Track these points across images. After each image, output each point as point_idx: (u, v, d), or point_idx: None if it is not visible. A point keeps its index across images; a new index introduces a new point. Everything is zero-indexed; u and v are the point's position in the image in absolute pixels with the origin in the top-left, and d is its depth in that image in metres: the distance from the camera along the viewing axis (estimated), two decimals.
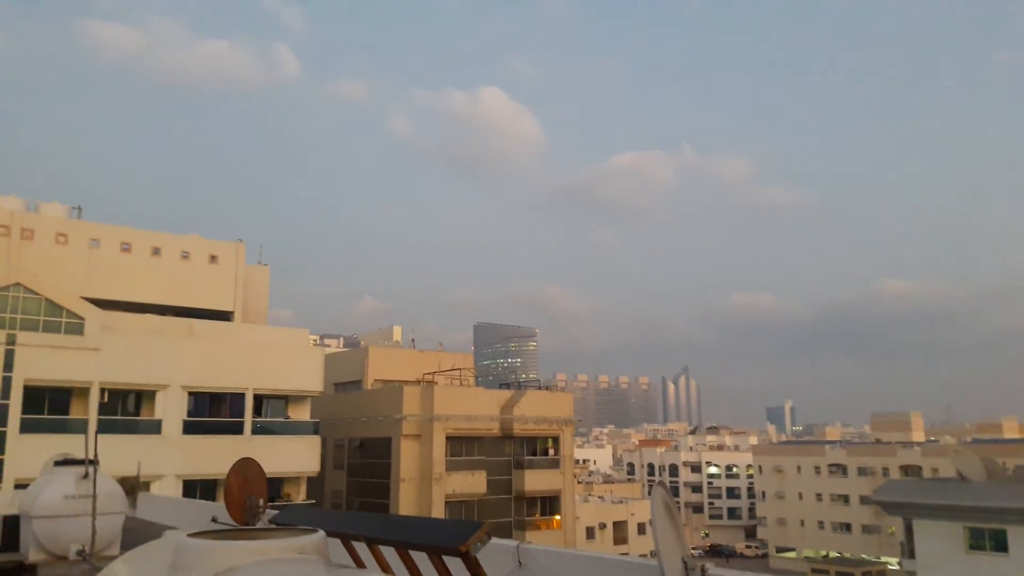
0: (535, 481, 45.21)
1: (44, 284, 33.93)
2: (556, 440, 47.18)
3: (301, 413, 40.06)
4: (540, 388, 50.62)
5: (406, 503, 40.92)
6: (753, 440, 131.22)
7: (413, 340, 63.19)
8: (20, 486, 24.96)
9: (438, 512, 40.55)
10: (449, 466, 42.09)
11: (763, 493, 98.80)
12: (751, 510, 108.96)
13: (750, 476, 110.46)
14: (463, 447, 43.37)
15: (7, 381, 31.73)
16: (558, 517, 46.08)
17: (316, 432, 39.52)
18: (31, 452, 30.32)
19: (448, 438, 42.42)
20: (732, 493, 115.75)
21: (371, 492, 43.50)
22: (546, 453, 46.77)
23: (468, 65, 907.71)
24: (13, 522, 11.87)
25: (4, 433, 31.32)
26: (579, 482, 69.74)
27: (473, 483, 42.71)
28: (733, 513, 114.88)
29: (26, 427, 31.80)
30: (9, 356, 31.86)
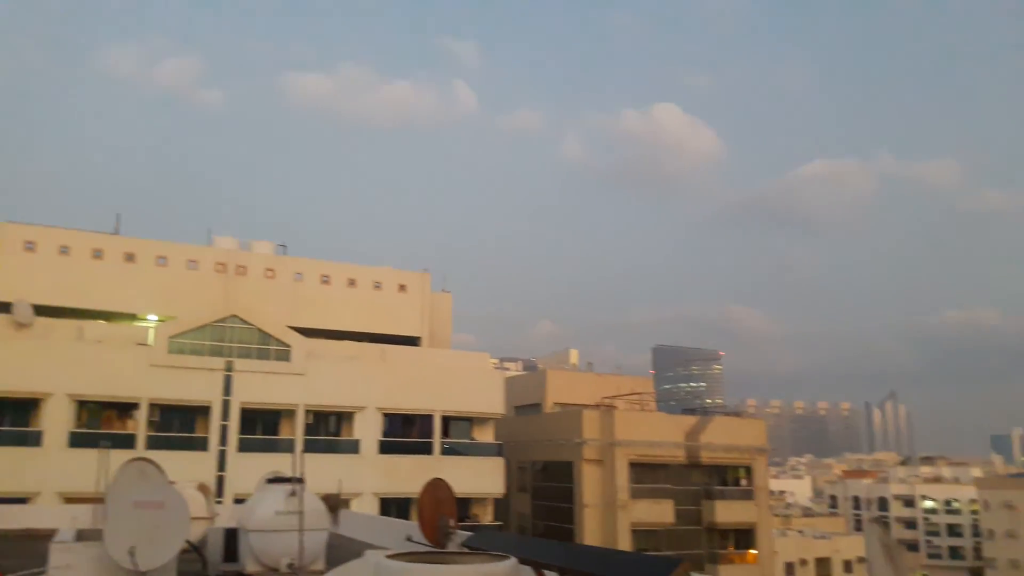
0: (727, 512, 43.21)
1: (256, 315, 37.10)
2: (748, 469, 44.93)
3: (485, 435, 40.91)
4: (728, 414, 48.54)
5: (591, 530, 40.50)
6: (977, 472, 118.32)
7: (590, 363, 62.98)
8: (239, 501, 27.23)
9: (624, 541, 39.77)
10: (633, 493, 41.21)
11: (991, 532, 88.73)
12: (977, 550, 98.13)
13: (974, 512, 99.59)
14: (647, 474, 42.34)
15: (226, 404, 34.92)
16: (753, 551, 43.71)
17: (500, 454, 40.17)
18: (247, 469, 32.96)
19: (631, 464, 41.61)
20: (953, 531, 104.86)
21: (555, 516, 43.46)
22: (737, 483, 44.63)
23: (640, 83, 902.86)
24: (233, 535, 12.76)
25: (224, 452, 34.42)
26: (775, 515, 66.05)
27: (659, 512, 41.52)
28: (955, 553, 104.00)
29: (243, 446, 34.77)
30: (228, 382, 35.07)
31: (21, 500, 29.19)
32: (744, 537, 44.06)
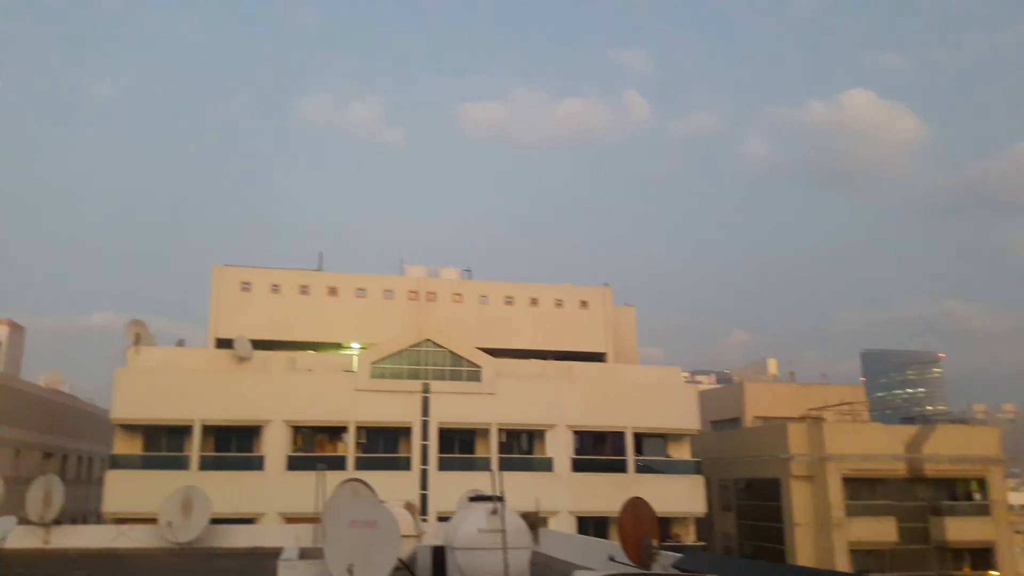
0: (959, 530, 38.88)
1: (447, 338, 38.31)
2: (981, 482, 40.26)
3: (680, 452, 39.56)
4: (953, 421, 43.88)
5: (804, 550, 37.88)
6: None
7: (792, 373, 59.40)
8: (443, 518, 27.95)
9: (843, 562, 36.82)
10: (849, 511, 38.11)
11: None
12: None
13: None
14: (863, 490, 39.04)
15: (425, 425, 36.23)
16: (994, 573, 38.98)
17: (698, 472, 38.63)
18: (447, 487, 33.83)
19: (844, 480, 38.56)
20: None
21: (763, 536, 41.11)
22: (969, 497, 40.10)
23: (825, 71, 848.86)
24: (440, 552, 12.88)
25: (426, 471, 35.64)
26: (1017, 531, 58.80)
27: (880, 531, 38.08)
28: None
29: (442, 465, 35.87)
30: (425, 403, 36.40)
31: (248, 520, 31.63)
32: (981, 557, 39.43)
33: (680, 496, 37.33)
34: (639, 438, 38.81)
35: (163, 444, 35.11)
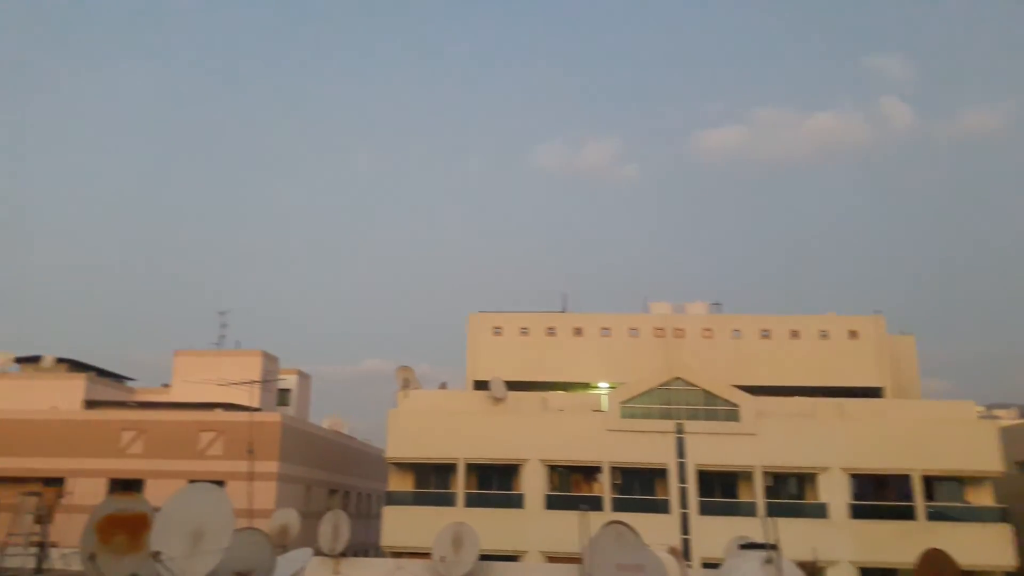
0: None
1: (698, 376, 36.85)
2: None
3: (980, 497, 34.51)
4: None
5: None
6: None
7: None
8: (707, 565, 26.50)
9: None
10: None
11: None
12: None
13: None
14: None
15: (682, 467, 34.88)
16: None
17: (1004, 519, 33.38)
18: (710, 533, 32.36)
19: None
20: None
21: None
22: None
23: None
24: None
25: (687, 515, 34.21)
26: None
27: None
28: None
29: (703, 509, 34.21)
30: (680, 443, 35.11)
31: (511, 557, 32.23)
32: None
33: (984, 547, 32.38)
34: (928, 481, 34.44)
35: (432, 481, 37.09)
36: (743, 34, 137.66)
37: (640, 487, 35.95)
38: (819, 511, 34.04)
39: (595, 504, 33.68)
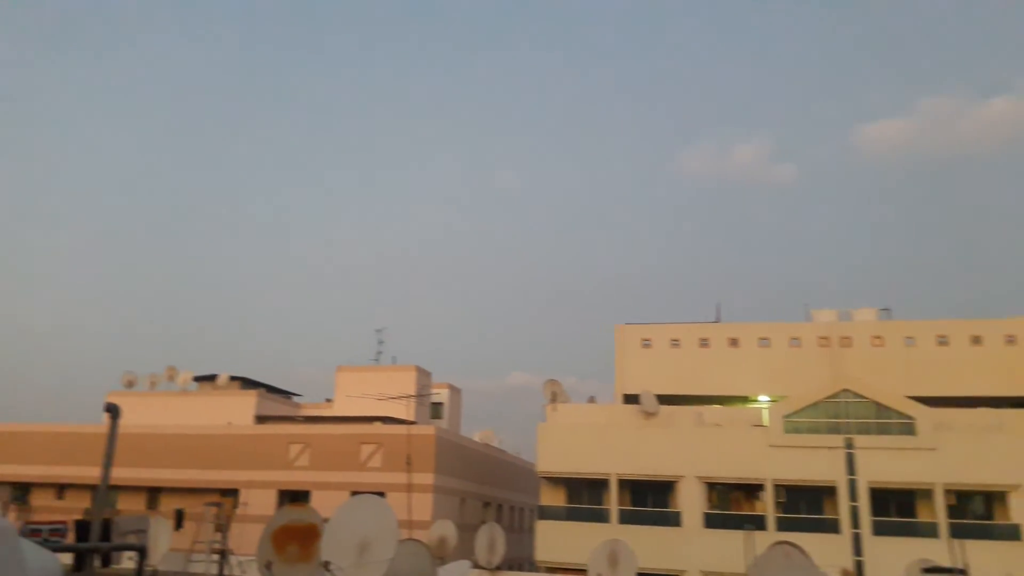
0: None
1: (868, 387, 34.42)
2: None
3: None
4: None
5: None
6: None
7: None
8: None
9: None
10: None
11: None
12: None
13: None
14: None
15: (852, 484, 32.59)
16: None
17: None
18: (885, 554, 30.16)
19: None
20: None
21: None
22: None
23: None
24: None
25: (859, 535, 31.88)
26: None
27: None
28: None
29: (877, 529, 31.82)
30: (850, 459, 32.83)
31: None
32: None
33: None
34: None
35: (584, 496, 36.65)
36: (902, 17, 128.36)
37: (806, 505, 33.92)
38: (1011, 533, 30.82)
39: (758, 523, 32.13)
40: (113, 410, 10.27)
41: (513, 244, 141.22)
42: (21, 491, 41.56)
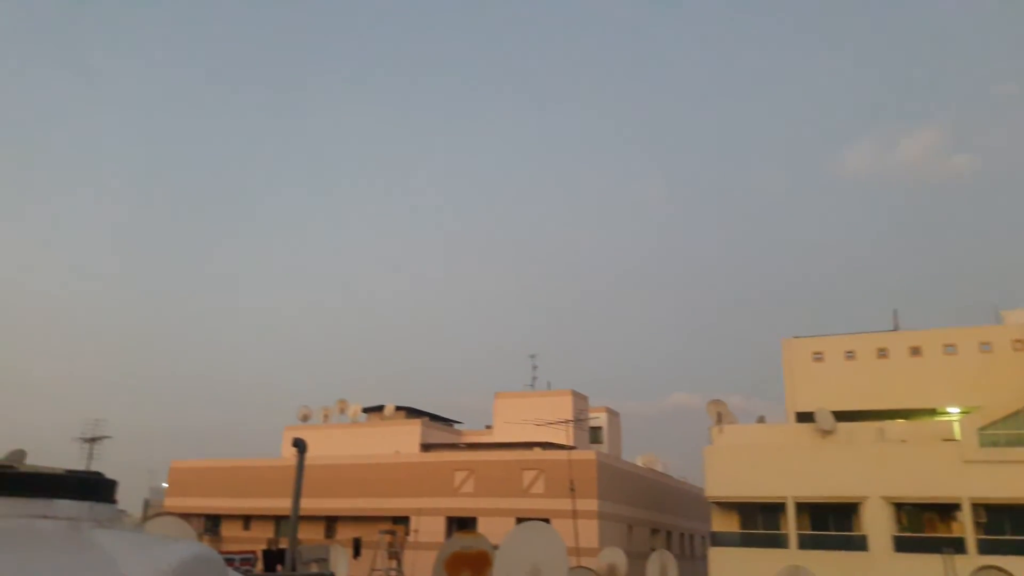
0: None
1: None
2: None
3: None
4: None
5: None
6: None
7: None
8: None
9: None
10: None
11: None
12: None
13: None
14: None
15: None
16: None
17: None
18: None
19: None
20: None
21: None
22: None
23: None
24: None
25: None
26: None
27: None
28: None
29: None
30: None
31: None
32: None
33: None
34: None
35: (758, 521, 34.82)
36: None
37: (1013, 526, 30.52)
38: None
39: (957, 546, 29.23)
40: (300, 444, 10.66)
41: (665, 262, 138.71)
42: (212, 522, 44.70)
